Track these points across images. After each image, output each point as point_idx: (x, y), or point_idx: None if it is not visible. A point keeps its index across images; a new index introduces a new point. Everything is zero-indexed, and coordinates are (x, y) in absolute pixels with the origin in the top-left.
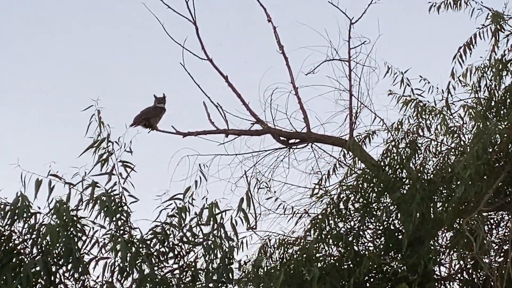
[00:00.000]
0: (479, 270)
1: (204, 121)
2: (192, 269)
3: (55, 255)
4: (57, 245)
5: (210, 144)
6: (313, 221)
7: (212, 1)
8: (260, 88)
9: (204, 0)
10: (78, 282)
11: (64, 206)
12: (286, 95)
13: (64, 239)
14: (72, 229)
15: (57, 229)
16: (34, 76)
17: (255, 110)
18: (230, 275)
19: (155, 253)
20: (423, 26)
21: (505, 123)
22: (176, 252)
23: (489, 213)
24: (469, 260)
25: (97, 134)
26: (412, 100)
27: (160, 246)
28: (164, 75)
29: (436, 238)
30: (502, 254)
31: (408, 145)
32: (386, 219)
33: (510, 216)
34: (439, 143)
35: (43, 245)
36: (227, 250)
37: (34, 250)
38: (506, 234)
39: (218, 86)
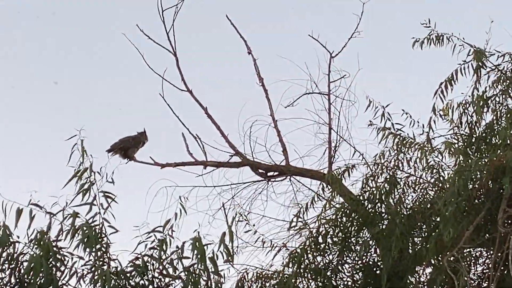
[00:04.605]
0: None
1: (182, 153)
2: None
3: (36, 286)
4: (40, 275)
5: (188, 176)
6: (291, 255)
7: (192, 33)
8: (240, 120)
9: (185, 32)
10: None
11: (46, 236)
12: (265, 127)
13: (45, 269)
14: (52, 260)
15: (40, 259)
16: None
17: (234, 142)
18: None
19: (134, 286)
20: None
21: (486, 160)
22: (155, 285)
23: (468, 249)
24: None
25: (79, 163)
26: (392, 133)
27: (140, 278)
28: (144, 106)
29: (415, 274)
30: None
31: (387, 179)
32: (365, 254)
33: (488, 253)
34: (417, 178)
35: (22, 275)
36: (215, 285)
37: (13, 280)
38: (484, 271)
39: (198, 117)
